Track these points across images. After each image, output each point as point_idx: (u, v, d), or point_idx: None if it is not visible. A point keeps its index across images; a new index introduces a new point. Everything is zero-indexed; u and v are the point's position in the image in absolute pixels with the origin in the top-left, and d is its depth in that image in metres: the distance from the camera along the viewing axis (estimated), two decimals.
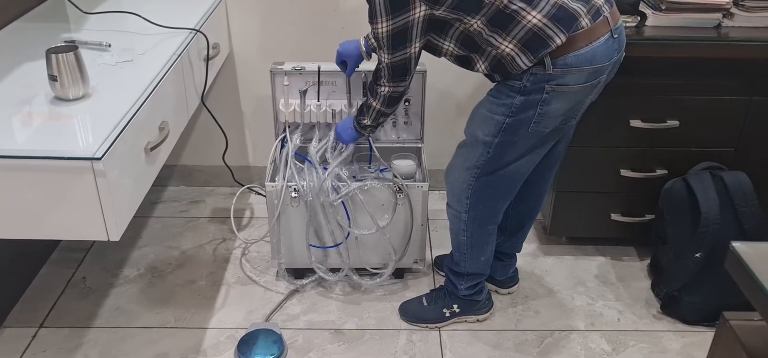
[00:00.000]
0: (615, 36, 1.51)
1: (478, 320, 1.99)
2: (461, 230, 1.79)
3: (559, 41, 1.44)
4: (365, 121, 1.79)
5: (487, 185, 1.69)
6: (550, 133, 1.60)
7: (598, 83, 1.56)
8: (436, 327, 1.96)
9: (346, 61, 1.90)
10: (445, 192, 1.81)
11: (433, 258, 2.22)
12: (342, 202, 1.93)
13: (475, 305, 1.97)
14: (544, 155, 1.69)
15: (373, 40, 1.72)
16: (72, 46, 1.44)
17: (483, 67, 1.56)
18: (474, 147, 1.64)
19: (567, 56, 1.46)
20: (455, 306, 1.95)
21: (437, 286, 2.08)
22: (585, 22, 1.45)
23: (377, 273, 2.06)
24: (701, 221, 1.88)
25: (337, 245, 2.01)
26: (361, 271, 2.08)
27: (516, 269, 2.10)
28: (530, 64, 1.47)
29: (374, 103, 1.71)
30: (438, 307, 1.96)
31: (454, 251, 1.88)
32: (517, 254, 2.07)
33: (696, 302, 1.95)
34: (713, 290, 1.91)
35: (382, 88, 1.66)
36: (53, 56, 1.40)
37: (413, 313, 1.98)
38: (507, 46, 1.48)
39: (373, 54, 1.85)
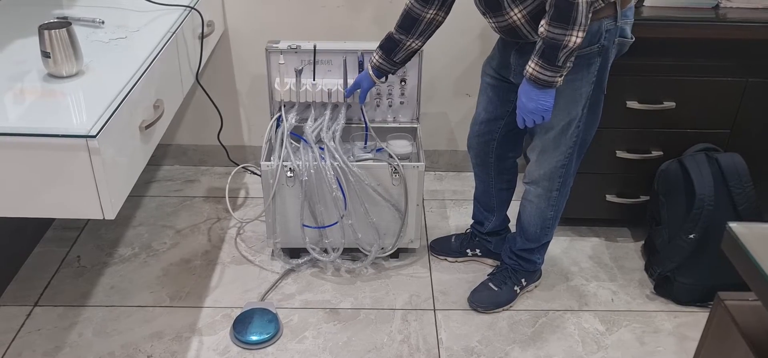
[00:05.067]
0: None
1: (536, 287, 2.05)
2: (550, 206, 1.82)
3: None
4: (561, 61, 1.43)
5: (578, 156, 1.75)
6: None
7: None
8: (509, 308, 1.98)
9: (361, 87, 1.92)
10: (440, 172, 1.80)
11: (429, 243, 2.21)
12: (338, 182, 1.92)
13: (536, 272, 2.04)
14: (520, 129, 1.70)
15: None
16: (65, 23, 1.42)
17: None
18: (565, 130, 1.66)
19: (625, 9, 1.56)
20: (523, 280, 2.00)
21: (495, 269, 2.07)
22: None
23: (372, 253, 2.05)
24: (695, 203, 1.89)
25: (332, 225, 2.01)
26: (355, 251, 2.09)
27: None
28: None
29: (573, 31, 1.39)
30: (508, 287, 1.98)
31: (532, 230, 1.88)
32: (508, 223, 2.13)
33: (689, 283, 1.97)
34: (706, 271, 1.93)
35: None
36: (46, 32, 1.38)
37: (489, 300, 1.97)
38: None
39: (384, 77, 1.87)
